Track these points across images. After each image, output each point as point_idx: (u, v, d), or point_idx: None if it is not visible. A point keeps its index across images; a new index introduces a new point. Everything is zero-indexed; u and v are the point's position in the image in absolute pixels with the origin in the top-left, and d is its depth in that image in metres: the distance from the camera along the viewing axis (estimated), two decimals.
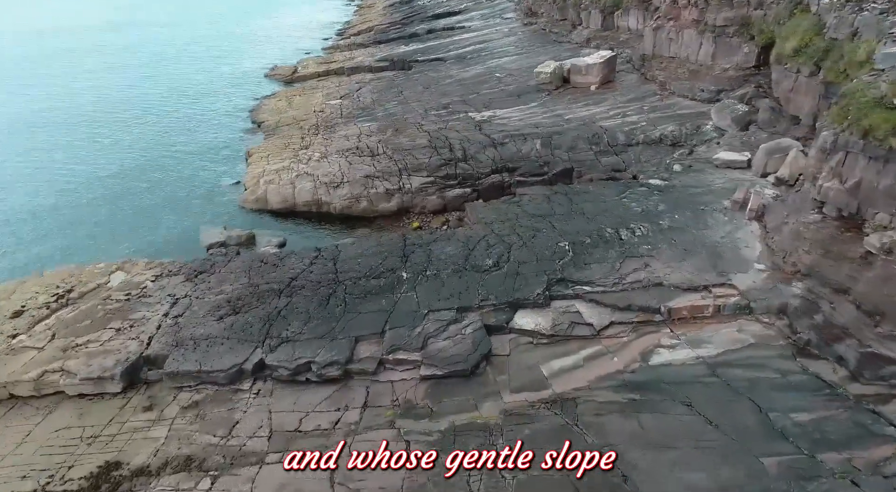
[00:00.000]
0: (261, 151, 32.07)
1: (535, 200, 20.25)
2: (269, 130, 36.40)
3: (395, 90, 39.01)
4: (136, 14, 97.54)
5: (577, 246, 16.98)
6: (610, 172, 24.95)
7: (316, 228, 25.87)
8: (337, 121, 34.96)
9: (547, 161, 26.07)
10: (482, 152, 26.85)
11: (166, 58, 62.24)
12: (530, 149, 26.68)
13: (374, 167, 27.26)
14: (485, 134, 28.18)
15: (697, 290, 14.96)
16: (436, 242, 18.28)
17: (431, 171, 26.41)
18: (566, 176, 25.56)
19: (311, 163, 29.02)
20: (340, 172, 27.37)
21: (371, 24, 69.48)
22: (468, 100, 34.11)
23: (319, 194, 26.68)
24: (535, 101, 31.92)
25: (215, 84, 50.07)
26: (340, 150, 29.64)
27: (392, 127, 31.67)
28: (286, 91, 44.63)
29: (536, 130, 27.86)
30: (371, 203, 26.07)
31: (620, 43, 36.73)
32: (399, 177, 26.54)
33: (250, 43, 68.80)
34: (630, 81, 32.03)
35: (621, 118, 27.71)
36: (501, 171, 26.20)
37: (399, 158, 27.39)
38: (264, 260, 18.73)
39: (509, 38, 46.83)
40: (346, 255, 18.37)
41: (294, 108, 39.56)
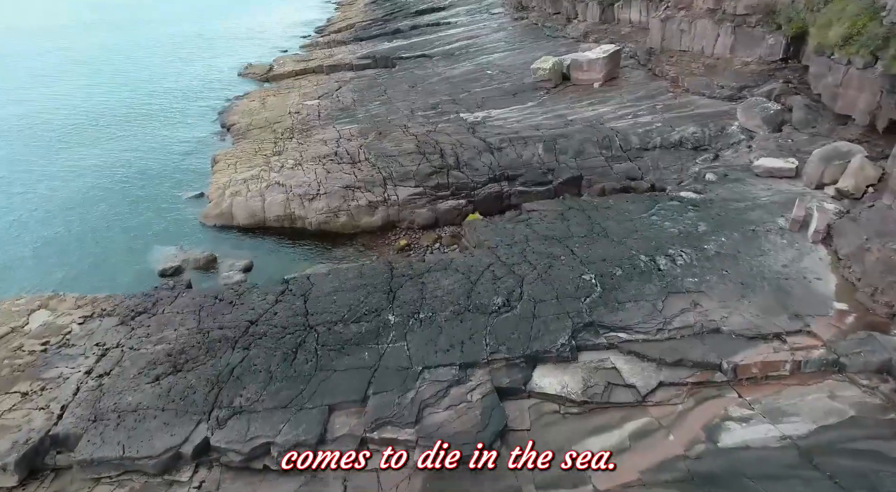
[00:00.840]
0: (228, 158, 28.29)
1: (546, 217, 16.74)
2: (239, 133, 32.60)
3: (378, 89, 35.36)
4: (112, 14, 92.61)
5: (605, 279, 13.50)
6: (624, 180, 21.57)
7: (288, 247, 22.20)
8: (314, 123, 31.25)
9: (551, 168, 22.64)
10: (477, 158, 23.35)
11: (133, 58, 57.88)
12: (532, 154, 23.22)
13: (354, 176, 23.65)
14: (479, 137, 24.68)
15: (767, 339, 11.55)
16: (430, 273, 14.70)
17: (420, 180, 22.86)
18: (574, 185, 22.13)
19: (283, 171, 25.33)
20: (317, 181, 23.71)
21: (352, 21, 65.64)
22: (458, 99, 30.58)
23: (292, 208, 23.02)
24: (534, 101, 28.47)
25: (184, 84, 45.98)
26: (317, 156, 25.99)
27: (375, 130, 28.07)
28: (260, 91, 40.77)
29: (537, 132, 24.40)
30: (352, 218, 22.47)
31: (622, 37, 33.41)
32: (383, 187, 22.96)
33: (225, 42, 64.64)
34: (636, 78, 28.70)
35: (632, 119, 24.35)
36: (500, 179, 22.72)
37: (383, 165, 23.81)
38: (219, 296, 15.04)
39: (499, 33, 43.34)
40: (319, 289, 14.75)
41: (268, 109, 35.77)
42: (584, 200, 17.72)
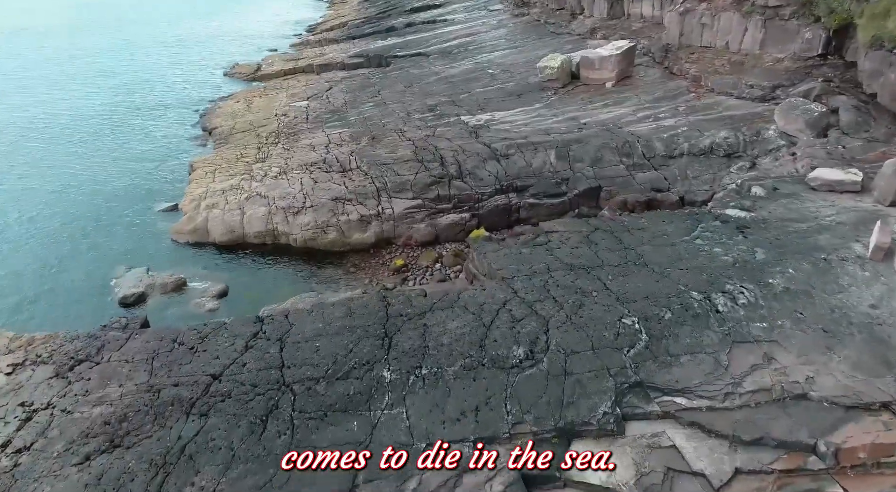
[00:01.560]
0: (206, 165, 25.50)
1: (569, 240, 14.02)
2: (220, 137, 29.78)
3: (371, 90, 32.58)
4: (99, 13, 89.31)
5: (651, 323, 10.79)
6: (649, 192, 18.92)
7: (270, 267, 19.46)
8: (301, 127, 28.47)
9: (565, 177, 19.97)
10: (482, 166, 20.66)
11: (114, 59, 54.81)
12: (543, 162, 20.54)
13: (344, 187, 20.92)
14: (483, 143, 21.98)
15: (872, 409, 8.89)
16: (433, 313, 11.96)
17: (418, 191, 20.16)
18: (592, 197, 19.47)
19: (266, 181, 22.56)
20: (303, 193, 20.96)
21: (345, 19, 62.80)
22: (458, 100, 27.85)
23: (275, 223, 20.26)
24: (541, 102, 25.78)
25: (166, 85, 43.04)
26: (304, 164, 23.23)
27: (367, 134, 25.34)
28: (246, 91, 37.92)
29: (548, 137, 21.71)
30: (341, 234, 19.74)
31: (633, 33, 30.75)
32: (377, 199, 20.25)
33: (213, 41, 61.63)
34: (652, 77, 26.05)
35: (653, 122, 21.68)
36: (508, 190, 20.05)
37: (377, 174, 21.09)
38: (178, 339, 12.27)
39: (499, 30, 40.63)
40: (299, 332, 12.00)
41: (252, 111, 32.96)
42: (611, 219, 14.98)
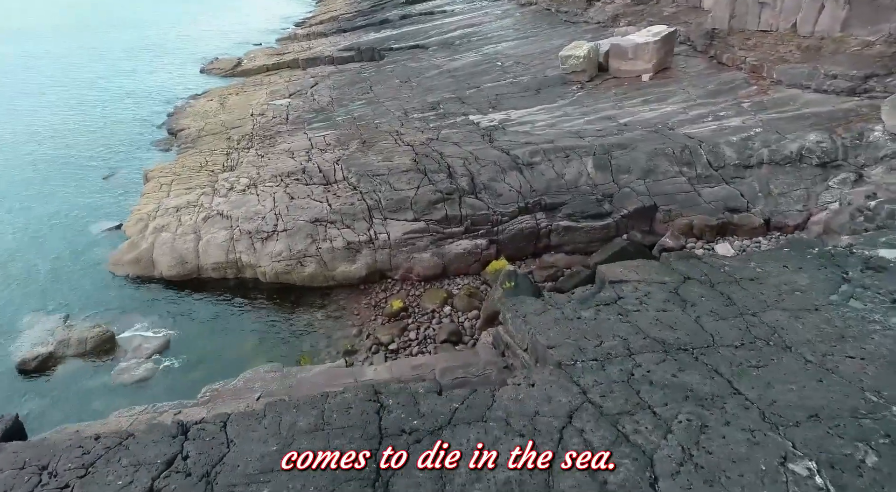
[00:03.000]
0: (163, 175, 20.77)
1: (648, 296, 9.36)
2: (186, 141, 25.06)
3: (363, 86, 27.88)
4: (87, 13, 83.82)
5: (845, 474, 6.13)
6: (722, 212, 14.36)
7: (229, 311, 14.82)
8: (280, 128, 23.77)
9: (608, 193, 15.38)
10: (500, 179, 16.05)
11: (91, 55, 49.86)
12: (578, 173, 15.95)
13: (327, 204, 16.29)
14: (500, 148, 17.36)
15: None
16: (455, 429, 7.34)
17: (420, 211, 15.56)
18: (645, 218, 14.92)
19: (231, 195, 17.89)
20: (275, 212, 16.32)
21: (335, 13, 57.97)
22: (465, 97, 23.19)
23: (239, 252, 15.62)
24: (565, 98, 21.17)
25: (137, 82, 38.18)
26: (279, 174, 18.56)
27: (357, 137, 20.68)
28: (222, 88, 33.13)
29: (582, 141, 17.10)
30: (323, 266, 15.12)
31: (664, 19, 26.19)
32: (368, 221, 15.63)
33: (194, 36, 56.65)
34: (696, 68, 21.49)
35: (713, 121, 17.11)
36: (534, 209, 15.45)
37: (368, 188, 16.46)
38: (50, 468, 7.62)
39: (505, 20, 35.97)
40: (239, 459, 7.35)
41: (227, 110, 28.23)
42: (704, 263, 10.31)
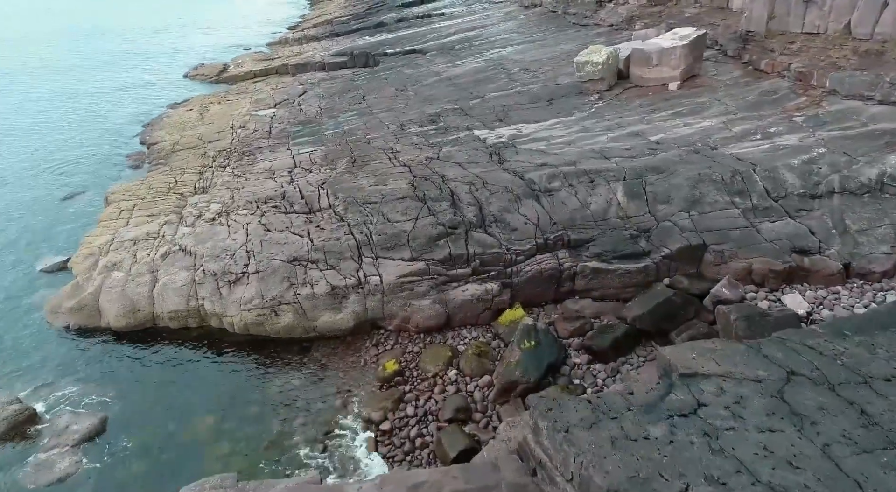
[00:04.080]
0: (125, 198, 18.00)
1: (740, 402, 6.59)
2: (159, 156, 22.30)
3: (355, 95, 25.15)
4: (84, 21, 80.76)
5: None
6: (788, 254, 11.67)
7: (188, 373, 12.06)
8: (262, 143, 21.03)
9: (644, 227, 12.68)
10: (514, 209, 13.33)
11: (70, 53, 47.04)
12: (606, 202, 13.25)
13: (309, 239, 13.55)
14: (511, 171, 14.65)
15: None
16: None
17: (419, 248, 12.84)
18: (691, 259, 12.20)
19: (198, 225, 15.15)
20: (246, 248, 13.57)
21: (329, 17, 55.23)
22: (468, 109, 20.48)
23: (201, 298, 12.87)
24: (582, 110, 18.49)
25: (117, 88, 35.37)
26: (255, 199, 15.82)
27: (347, 155, 17.96)
28: (204, 97, 30.35)
29: (608, 163, 14.38)
30: (302, 315, 12.38)
31: (686, 20, 23.56)
32: (357, 260, 12.90)
33: (183, 39, 53.91)
34: (729, 75, 18.84)
35: (763, 139, 14.43)
36: (555, 246, 12.74)
37: (358, 218, 13.74)
38: None
39: (508, 23, 33.30)
40: None
41: (206, 121, 25.47)
42: (808, 347, 7.54)
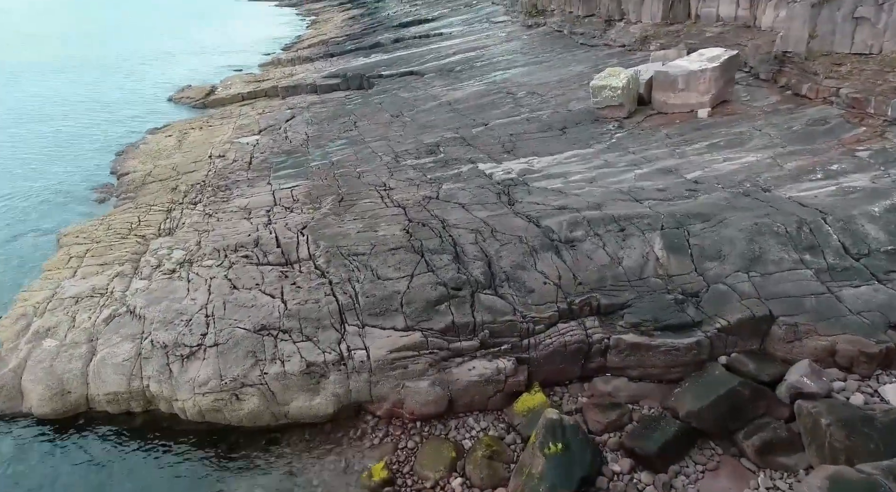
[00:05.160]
0: (79, 241, 15.52)
1: None
2: (129, 189, 19.91)
3: (346, 121, 22.84)
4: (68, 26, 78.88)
5: None
6: (882, 330, 9.19)
7: (124, 472, 9.51)
8: (239, 175, 18.63)
9: (691, 291, 10.19)
10: (528, 264, 10.87)
11: (51, 76, 44.86)
12: (642, 256, 10.79)
13: (282, 300, 11.03)
14: (525, 216, 12.21)
15: None
16: None
17: (415, 314, 10.33)
18: (753, 333, 9.69)
19: (155, 278, 12.65)
20: (206, 312, 11.06)
21: (325, 37, 53.32)
22: (471, 137, 18.13)
23: (147, 378, 10.33)
24: (602, 141, 16.13)
25: (96, 111, 33.10)
26: (224, 246, 13.34)
27: (333, 191, 15.54)
28: (185, 122, 28.06)
29: (640, 207, 11.96)
30: (271, 399, 9.83)
31: (707, 40, 21.36)
32: (339, 328, 10.38)
33: (173, 58, 51.84)
34: (763, 100, 16.56)
35: (828, 180, 12.01)
36: (580, 312, 10.25)
37: (342, 275, 11.25)
38: None
39: (511, 43, 31.19)
40: None
41: (184, 149, 23.11)
42: None
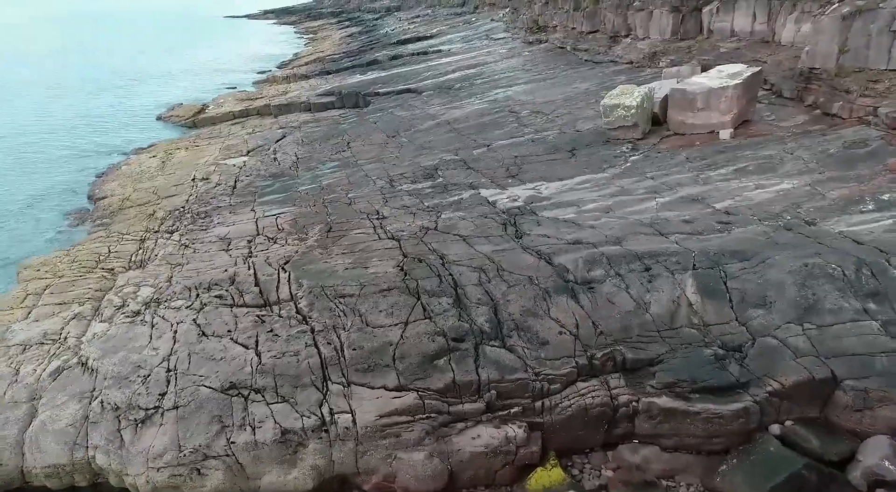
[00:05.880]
0: (39, 274, 13.95)
1: None
2: (103, 215, 18.43)
3: (339, 141, 21.43)
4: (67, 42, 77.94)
5: None
6: None
7: None
8: (222, 200, 17.14)
9: (733, 344, 8.62)
10: (540, 309, 9.29)
11: (46, 90, 43.63)
12: (671, 301, 9.22)
13: (256, 353, 9.42)
14: (535, 251, 10.64)
15: None
16: None
17: (410, 370, 8.72)
18: (812, 399, 8.08)
19: (116, 321, 11.06)
20: (168, 365, 9.43)
21: (322, 55, 52.33)
22: (472, 160, 16.69)
23: (93, 448, 8.65)
24: (615, 164, 14.66)
25: (81, 128, 31.81)
26: (197, 283, 11.75)
27: (322, 220, 14.02)
28: (171, 141, 26.69)
29: (666, 242, 10.41)
30: (239, 473, 8.17)
31: (721, 56, 20.03)
32: (322, 387, 8.75)
33: (169, 76, 50.73)
34: (790, 119, 15.15)
35: (882, 213, 10.50)
36: (604, 368, 8.65)
37: (327, 322, 9.64)
38: None
39: (512, 60, 29.98)
40: None
41: (167, 171, 21.67)
42: None
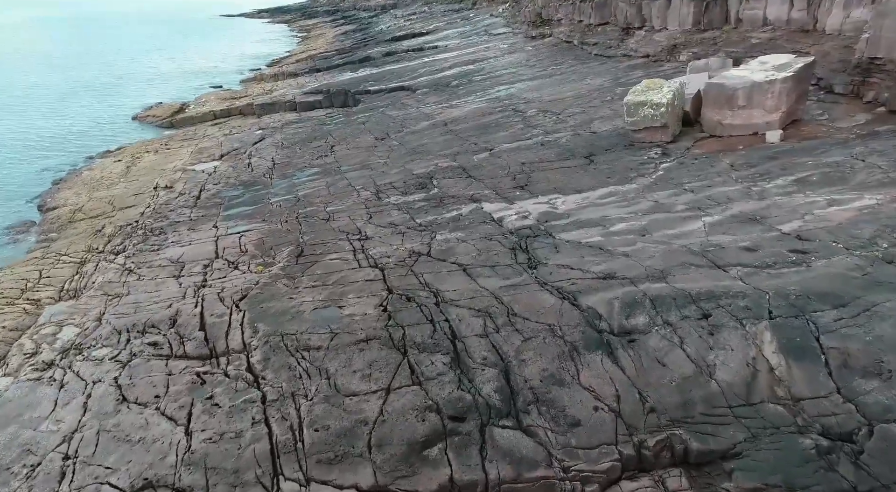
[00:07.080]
0: None
1: None
2: (50, 228, 15.96)
3: (322, 144, 18.99)
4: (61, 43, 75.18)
5: None
6: None
7: None
8: (182, 213, 14.65)
9: (839, 430, 6.14)
10: (566, 375, 6.81)
11: (19, 94, 41.08)
12: (744, 362, 6.74)
13: (186, 433, 6.89)
14: (552, 287, 8.17)
15: None
16: None
17: (391, 463, 6.20)
18: None
19: (22, 376, 8.53)
20: (67, 448, 6.80)
21: (314, 52, 49.85)
22: (472, 166, 14.24)
23: None
24: (644, 173, 12.22)
25: (48, 129, 29.28)
26: (129, 325, 9.23)
27: (293, 242, 11.52)
28: (141, 144, 24.21)
29: (726, 277, 7.96)
30: None
31: (753, 47, 17.66)
32: (270, 487, 6.29)
33: (157, 75, 48.17)
34: (848, 118, 12.78)
35: None
36: (658, 457, 6.18)
37: (283, 384, 7.13)
38: None
39: (514, 55, 27.55)
40: None
41: (130, 177, 19.19)
42: None
